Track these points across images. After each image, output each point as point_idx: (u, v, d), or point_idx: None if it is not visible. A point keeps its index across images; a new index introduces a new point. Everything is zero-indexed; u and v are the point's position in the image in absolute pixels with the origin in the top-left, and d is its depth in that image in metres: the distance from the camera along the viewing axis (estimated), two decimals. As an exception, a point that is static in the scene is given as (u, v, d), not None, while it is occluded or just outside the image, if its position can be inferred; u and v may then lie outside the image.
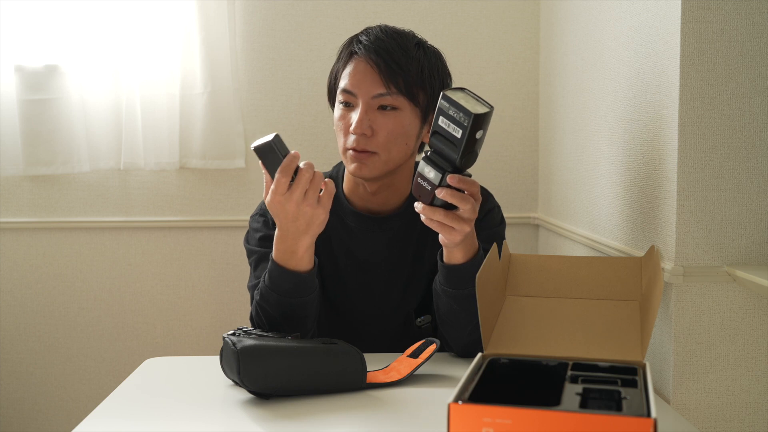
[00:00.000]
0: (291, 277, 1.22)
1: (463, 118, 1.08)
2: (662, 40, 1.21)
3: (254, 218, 1.41)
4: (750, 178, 1.17)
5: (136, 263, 2.16)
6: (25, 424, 2.20)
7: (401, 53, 1.30)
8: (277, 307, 1.24)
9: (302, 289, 1.24)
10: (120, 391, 1.17)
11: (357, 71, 1.31)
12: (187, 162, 2.11)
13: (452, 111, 1.09)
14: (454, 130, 1.09)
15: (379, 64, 1.29)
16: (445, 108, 1.09)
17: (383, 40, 1.32)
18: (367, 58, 1.30)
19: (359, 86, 1.30)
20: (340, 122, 1.33)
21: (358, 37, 1.35)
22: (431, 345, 1.19)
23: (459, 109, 1.08)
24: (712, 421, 1.20)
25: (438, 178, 1.12)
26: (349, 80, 1.31)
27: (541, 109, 2.08)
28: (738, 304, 1.18)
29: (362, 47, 1.32)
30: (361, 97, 1.30)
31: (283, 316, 1.24)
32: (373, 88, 1.29)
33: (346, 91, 1.31)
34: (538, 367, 1.00)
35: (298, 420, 1.04)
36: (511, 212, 2.11)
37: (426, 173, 1.13)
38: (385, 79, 1.29)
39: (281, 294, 1.23)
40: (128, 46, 2.04)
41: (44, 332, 2.18)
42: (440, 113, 1.10)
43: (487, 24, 2.10)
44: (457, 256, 1.21)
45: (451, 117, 1.09)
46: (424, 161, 1.14)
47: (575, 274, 1.22)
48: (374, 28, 1.35)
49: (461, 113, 1.08)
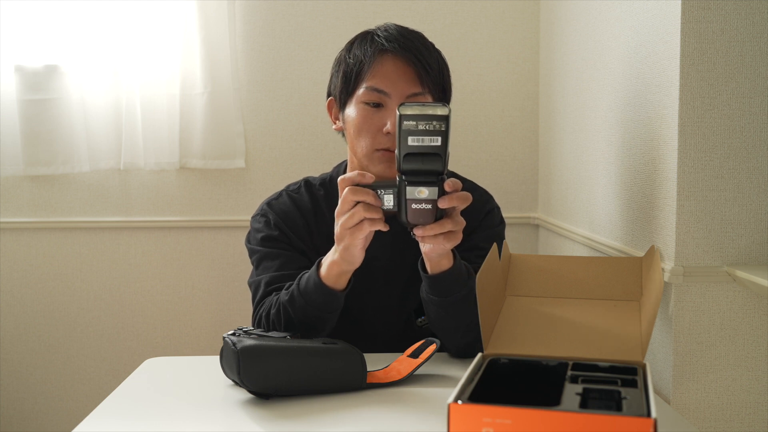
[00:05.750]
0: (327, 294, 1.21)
1: (437, 124, 1.05)
2: (662, 40, 1.21)
3: (255, 219, 1.41)
4: (750, 178, 1.17)
5: (136, 263, 2.16)
6: (25, 424, 2.20)
7: (427, 53, 1.29)
8: (300, 313, 1.23)
9: (330, 304, 1.23)
10: (120, 391, 1.17)
11: (389, 69, 1.27)
12: (187, 162, 2.11)
13: (421, 125, 1.05)
14: (431, 140, 1.06)
15: (414, 63, 1.26)
16: (411, 126, 1.06)
17: (409, 38, 1.29)
18: (401, 56, 1.26)
19: (394, 85, 1.26)
20: (365, 123, 1.28)
21: (376, 33, 1.30)
22: (431, 345, 1.19)
23: (428, 119, 1.05)
24: (712, 421, 1.20)
25: (435, 192, 1.08)
26: (381, 79, 1.26)
27: (541, 109, 2.08)
28: (738, 304, 1.18)
29: (393, 44, 1.27)
30: (394, 96, 1.26)
31: (301, 324, 1.24)
32: (408, 87, 1.27)
33: (377, 90, 1.27)
34: (538, 367, 1.00)
35: (298, 420, 1.04)
36: (511, 212, 2.11)
37: (418, 196, 1.09)
38: (421, 78, 1.27)
39: (311, 304, 1.23)
40: (128, 46, 2.04)
41: (44, 332, 2.18)
42: (407, 134, 1.06)
43: (487, 24, 2.10)
44: (444, 263, 1.19)
45: (422, 131, 1.06)
46: (411, 187, 1.08)
47: (575, 274, 1.22)
48: (390, 25, 1.32)
49: (433, 121, 1.05)
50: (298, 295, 1.24)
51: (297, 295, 1.24)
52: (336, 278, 1.21)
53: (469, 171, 1.91)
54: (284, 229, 1.37)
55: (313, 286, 1.22)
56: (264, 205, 1.42)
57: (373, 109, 1.28)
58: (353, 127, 1.30)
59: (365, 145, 1.29)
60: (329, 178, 1.44)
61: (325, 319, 1.25)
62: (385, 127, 1.27)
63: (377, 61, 1.27)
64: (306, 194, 1.42)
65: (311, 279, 1.22)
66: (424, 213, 1.09)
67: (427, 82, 1.28)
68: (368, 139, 1.28)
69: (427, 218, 1.10)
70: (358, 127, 1.29)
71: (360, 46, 1.31)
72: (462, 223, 1.13)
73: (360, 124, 1.29)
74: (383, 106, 1.28)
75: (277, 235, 1.37)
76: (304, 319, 1.24)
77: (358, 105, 1.29)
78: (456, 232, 1.12)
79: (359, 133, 1.29)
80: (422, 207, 1.09)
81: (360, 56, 1.29)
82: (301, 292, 1.23)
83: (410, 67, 1.27)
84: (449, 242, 1.13)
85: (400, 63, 1.27)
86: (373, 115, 1.28)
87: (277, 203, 1.41)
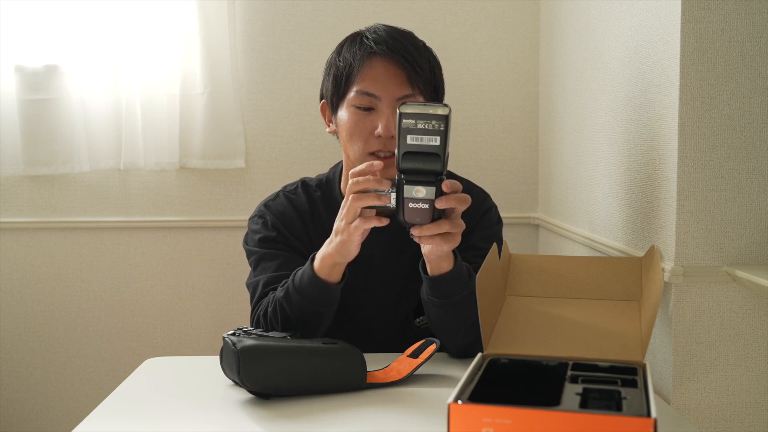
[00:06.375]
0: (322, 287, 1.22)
1: (436, 124, 1.05)
2: (662, 40, 1.21)
3: (253, 220, 1.41)
4: (750, 178, 1.17)
5: (136, 263, 2.16)
6: (25, 424, 2.20)
7: (417, 53, 1.29)
8: (296, 308, 1.24)
9: (325, 298, 1.23)
10: (120, 391, 1.17)
11: (379, 72, 1.27)
12: (187, 162, 2.11)
13: (420, 124, 1.05)
14: (430, 140, 1.06)
15: (404, 65, 1.26)
16: (411, 125, 1.06)
17: (398, 39, 1.28)
18: (389, 58, 1.26)
19: (384, 89, 1.26)
20: (356, 127, 1.28)
21: (365, 35, 1.30)
22: (431, 345, 1.19)
23: (428, 118, 1.05)
24: (712, 421, 1.20)
25: (433, 192, 1.08)
26: (371, 82, 1.26)
27: (541, 109, 2.08)
28: (738, 304, 1.18)
29: (382, 46, 1.26)
30: (385, 99, 1.26)
31: (298, 320, 1.25)
32: (398, 89, 1.27)
33: (367, 94, 1.27)
34: (538, 367, 1.00)
35: (298, 420, 1.04)
36: (511, 212, 2.11)
37: (415, 195, 1.08)
38: (410, 80, 1.26)
39: (306, 299, 1.23)
40: (128, 46, 2.04)
41: (44, 332, 2.18)
42: (406, 132, 1.06)
43: (487, 24, 2.10)
44: (444, 265, 1.19)
45: (422, 130, 1.06)
46: (409, 186, 1.08)
47: (575, 274, 1.22)
48: (378, 27, 1.31)
49: (433, 120, 1.05)
50: (293, 290, 1.24)
51: (292, 291, 1.24)
52: (329, 270, 1.21)
53: (469, 171, 1.91)
54: (282, 230, 1.37)
55: (307, 280, 1.23)
56: (261, 206, 1.42)
57: (363, 113, 1.28)
58: (345, 131, 1.30)
59: (358, 149, 1.29)
60: (326, 178, 1.44)
61: (321, 314, 1.25)
62: (376, 130, 1.27)
63: (366, 64, 1.27)
64: (303, 195, 1.42)
65: (305, 273, 1.23)
66: (421, 212, 1.09)
67: (417, 83, 1.27)
68: (360, 142, 1.28)
69: (424, 218, 1.10)
70: (350, 131, 1.29)
71: (349, 48, 1.30)
72: (461, 226, 1.12)
73: (351, 128, 1.29)
74: (374, 110, 1.28)
75: (275, 236, 1.37)
76: (300, 314, 1.24)
77: (349, 109, 1.29)
78: (454, 234, 1.12)
79: (351, 137, 1.29)
80: (419, 206, 1.09)
81: (349, 59, 1.29)
82: (296, 287, 1.24)
83: (400, 69, 1.27)
84: (447, 244, 1.12)
85: (390, 65, 1.27)
86: (364, 119, 1.28)
87: (275, 204, 1.41)
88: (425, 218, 1.10)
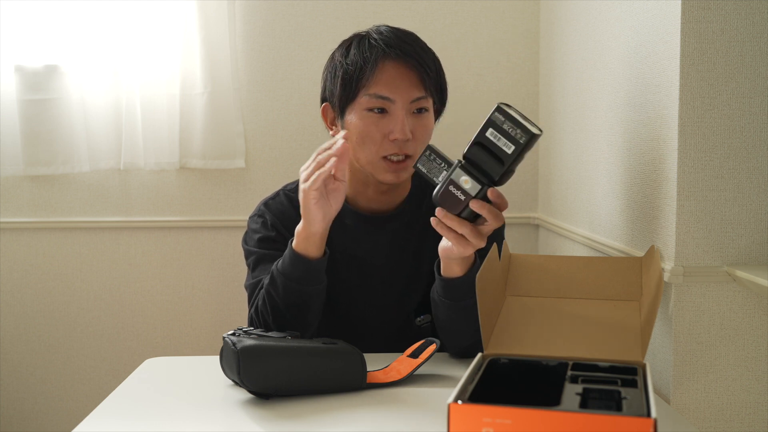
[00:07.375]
0: (301, 263, 1.22)
1: (520, 135, 1.04)
2: (662, 40, 1.21)
3: (253, 219, 1.41)
4: (750, 178, 1.17)
5: (136, 263, 2.16)
6: (25, 424, 2.20)
7: (426, 55, 1.28)
8: (283, 292, 1.24)
9: (309, 278, 1.23)
10: (120, 391, 1.17)
11: (392, 75, 1.26)
12: (187, 162, 2.11)
13: (507, 125, 1.04)
14: (505, 144, 1.04)
15: (416, 67, 1.25)
16: (499, 121, 1.04)
17: (407, 41, 1.28)
18: (403, 61, 1.25)
19: (398, 91, 1.25)
20: (370, 130, 1.26)
21: (371, 37, 1.29)
22: (431, 345, 1.19)
23: (516, 125, 1.04)
24: (712, 421, 1.20)
25: (476, 190, 1.07)
26: (384, 85, 1.25)
27: (541, 109, 2.08)
28: (738, 304, 1.18)
29: (395, 49, 1.26)
30: (399, 102, 1.26)
31: (286, 305, 1.24)
32: (411, 92, 1.26)
33: (382, 97, 1.25)
34: (538, 367, 1.00)
35: (298, 420, 1.04)
36: (511, 212, 2.11)
37: (461, 183, 1.07)
38: (423, 82, 1.26)
39: (289, 279, 1.23)
40: (128, 46, 2.04)
41: (44, 332, 2.18)
42: (491, 125, 1.05)
43: (487, 24, 2.10)
44: (456, 269, 1.19)
45: (504, 131, 1.04)
46: (461, 170, 1.08)
47: (575, 274, 1.21)
48: (383, 28, 1.31)
49: (519, 130, 1.04)
50: (278, 273, 1.25)
51: (277, 274, 1.25)
52: (305, 244, 1.23)
53: (469, 171, 1.91)
54: (281, 230, 1.37)
55: (288, 259, 1.24)
56: (261, 205, 1.42)
57: (377, 116, 1.27)
58: (357, 135, 1.28)
59: (370, 153, 1.28)
60: None
61: (308, 296, 1.24)
62: (391, 133, 1.26)
63: (379, 67, 1.26)
64: None
65: (286, 254, 1.25)
66: (455, 201, 1.08)
67: (429, 86, 1.28)
68: (374, 146, 1.27)
69: (453, 207, 1.09)
70: (363, 135, 1.27)
71: (357, 50, 1.28)
72: (481, 242, 1.11)
73: (365, 132, 1.27)
74: (387, 112, 1.27)
75: (274, 236, 1.37)
76: (287, 298, 1.24)
77: (361, 112, 1.27)
78: (469, 243, 1.11)
79: (363, 141, 1.28)
80: (456, 194, 1.08)
81: (359, 61, 1.27)
82: (279, 270, 1.25)
83: (413, 71, 1.26)
84: (458, 246, 1.12)
85: (403, 68, 1.26)
86: (378, 122, 1.27)
87: (274, 203, 1.41)
88: (454, 208, 1.09)
